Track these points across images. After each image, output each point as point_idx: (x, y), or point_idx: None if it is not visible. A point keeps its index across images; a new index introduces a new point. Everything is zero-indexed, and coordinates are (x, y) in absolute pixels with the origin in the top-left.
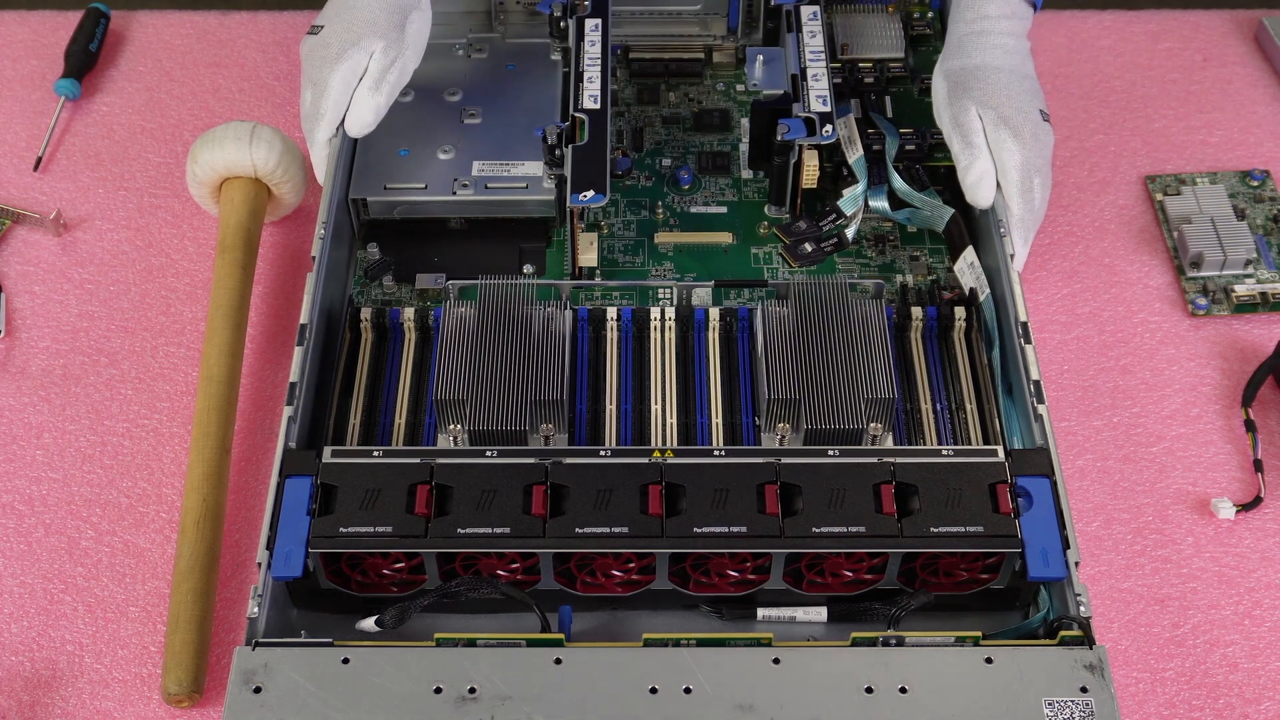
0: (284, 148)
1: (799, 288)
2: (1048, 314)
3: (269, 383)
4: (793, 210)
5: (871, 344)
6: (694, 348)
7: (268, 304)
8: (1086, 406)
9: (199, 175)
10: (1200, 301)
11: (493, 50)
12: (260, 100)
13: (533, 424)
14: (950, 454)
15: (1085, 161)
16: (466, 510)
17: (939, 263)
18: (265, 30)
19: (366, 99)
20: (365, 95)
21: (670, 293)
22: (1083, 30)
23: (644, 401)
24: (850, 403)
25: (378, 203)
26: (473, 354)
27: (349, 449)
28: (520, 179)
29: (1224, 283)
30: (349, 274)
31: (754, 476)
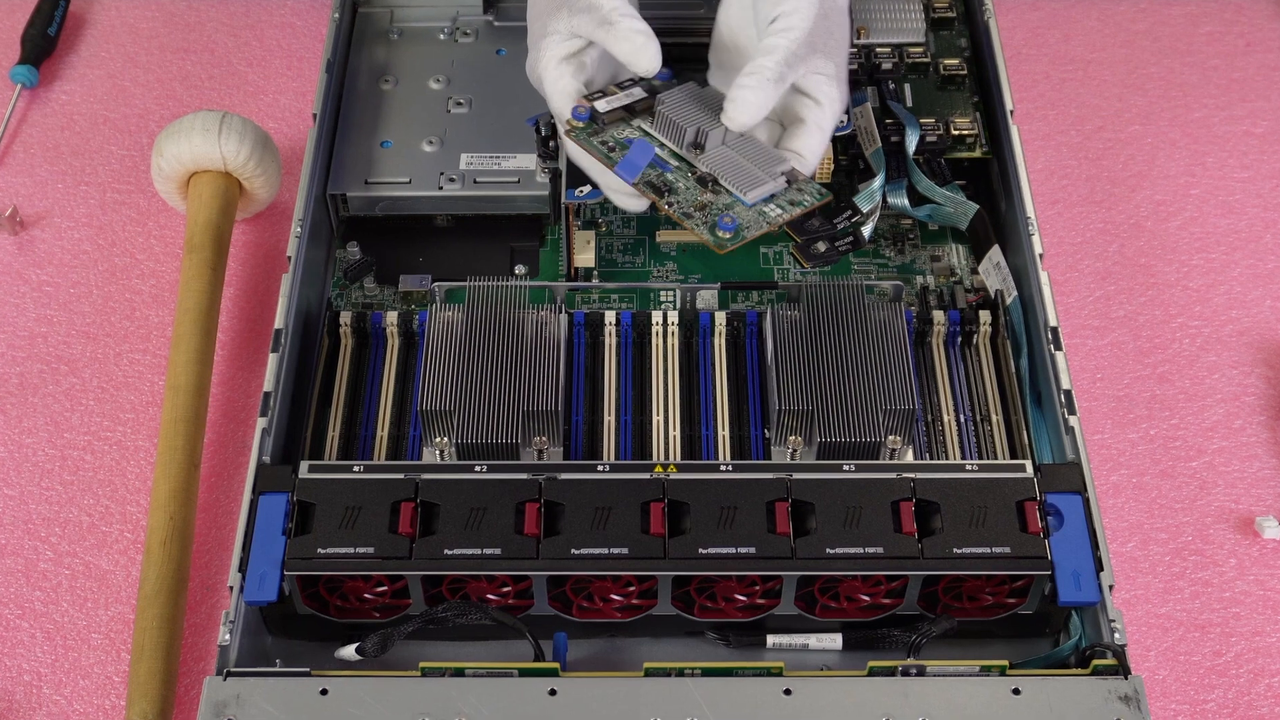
0: (256, 139)
1: (812, 290)
2: (1080, 318)
3: (241, 392)
4: None
5: (890, 351)
6: (699, 355)
7: (239, 307)
8: (1121, 418)
9: (165, 169)
10: None
11: (482, 33)
12: (231, 88)
13: (525, 437)
14: (975, 469)
15: (1120, 154)
16: (454, 530)
17: (962, 263)
18: (237, 13)
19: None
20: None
21: (673, 295)
22: (1117, 14)
23: (645, 413)
24: (867, 414)
25: (358, 198)
26: (460, 362)
27: (327, 463)
28: (511, 173)
29: None
30: (327, 275)
31: (763, 493)
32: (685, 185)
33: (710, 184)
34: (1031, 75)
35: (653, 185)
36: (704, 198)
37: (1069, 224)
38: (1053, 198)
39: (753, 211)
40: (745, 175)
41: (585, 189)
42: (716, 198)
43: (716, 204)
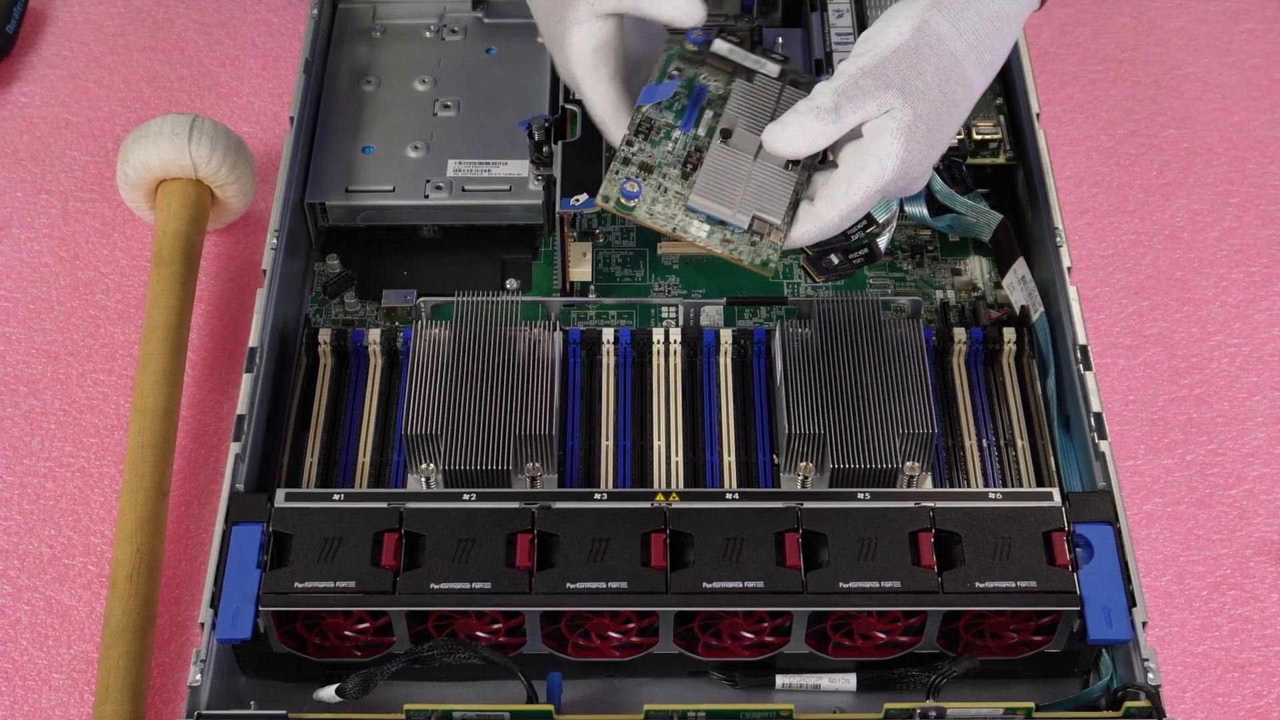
0: (229, 144)
1: (824, 306)
2: (1110, 336)
3: (212, 415)
4: None
5: (908, 371)
6: (703, 375)
7: (211, 324)
8: (1155, 443)
9: (131, 176)
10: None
11: (470, 31)
12: (202, 90)
13: (517, 463)
14: (998, 497)
15: (1154, 160)
16: (441, 562)
17: (985, 277)
18: (209, 9)
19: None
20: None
21: (676, 311)
22: (1151, 10)
23: (645, 437)
24: (883, 439)
25: (338, 208)
26: (448, 382)
27: (305, 491)
28: (502, 180)
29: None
30: (305, 290)
31: (772, 523)
32: (669, 150)
33: (688, 168)
34: (1059, 75)
35: (645, 127)
36: (670, 170)
37: (1099, 235)
38: (1082, 207)
39: (683, 213)
40: (720, 183)
41: (581, 197)
42: (678, 181)
43: (666, 181)
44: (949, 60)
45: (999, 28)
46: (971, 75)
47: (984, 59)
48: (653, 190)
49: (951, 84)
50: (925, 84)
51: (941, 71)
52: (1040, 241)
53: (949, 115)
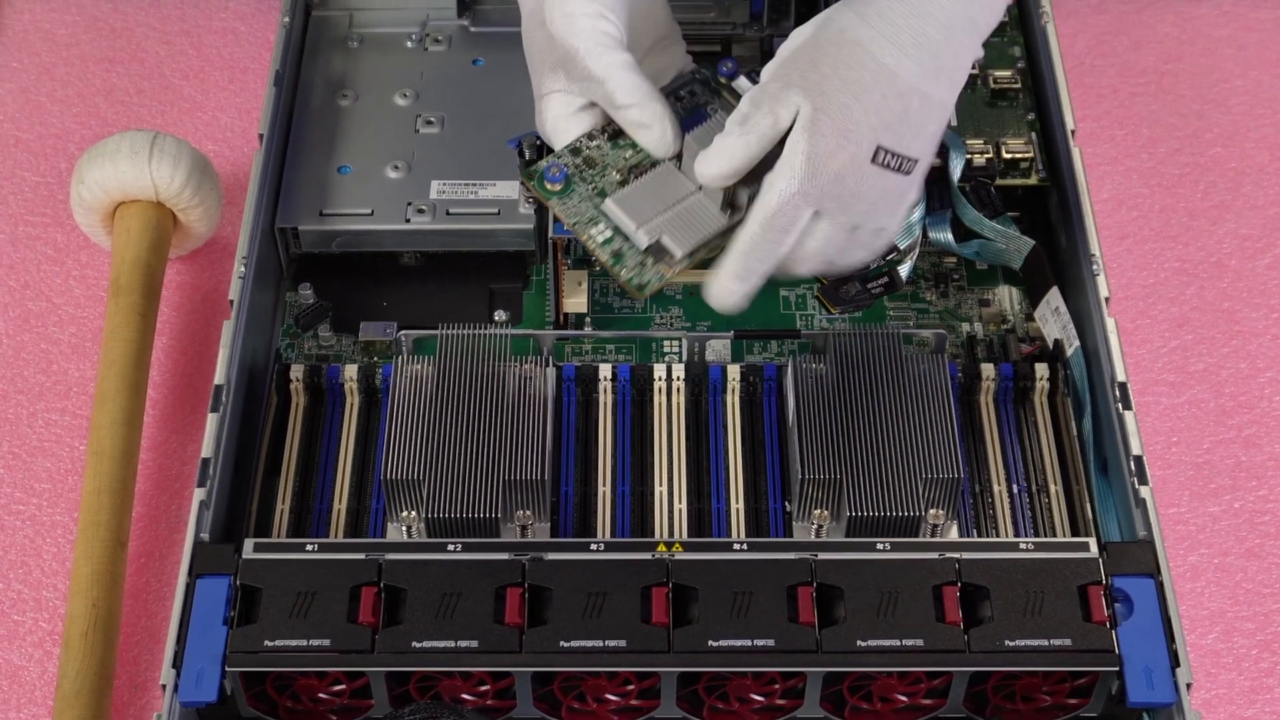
0: (193, 163)
1: (840, 339)
2: (1152, 372)
3: (175, 459)
4: None
5: (931, 410)
6: (708, 415)
7: (173, 360)
8: (1201, 488)
9: (87, 198)
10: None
11: (455, 40)
12: (164, 104)
13: (506, 511)
14: (1030, 548)
15: (1199, 181)
16: (423, 618)
17: (1015, 308)
18: (170, 17)
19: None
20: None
21: (679, 346)
22: (1196, 18)
23: (646, 482)
24: (905, 484)
25: (311, 233)
26: (431, 423)
27: (276, 541)
28: (490, 203)
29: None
30: (275, 322)
31: (784, 576)
32: (625, 156)
33: (631, 177)
34: (1096, 89)
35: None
36: (612, 173)
37: (1140, 262)
38: (1121, 232)
39: (593, 212)
40: (644, 199)
41: None
42: (614, 185)
43: (601, 181)
44: (850, 48)
45: (918, 8)
46: (886, 58)
47: (901, 39)
48: (582, 184)
49: (855, 70)
50: (822, 75)
51: (842, 60)
52: (1075, 269)
53: (861, 101)
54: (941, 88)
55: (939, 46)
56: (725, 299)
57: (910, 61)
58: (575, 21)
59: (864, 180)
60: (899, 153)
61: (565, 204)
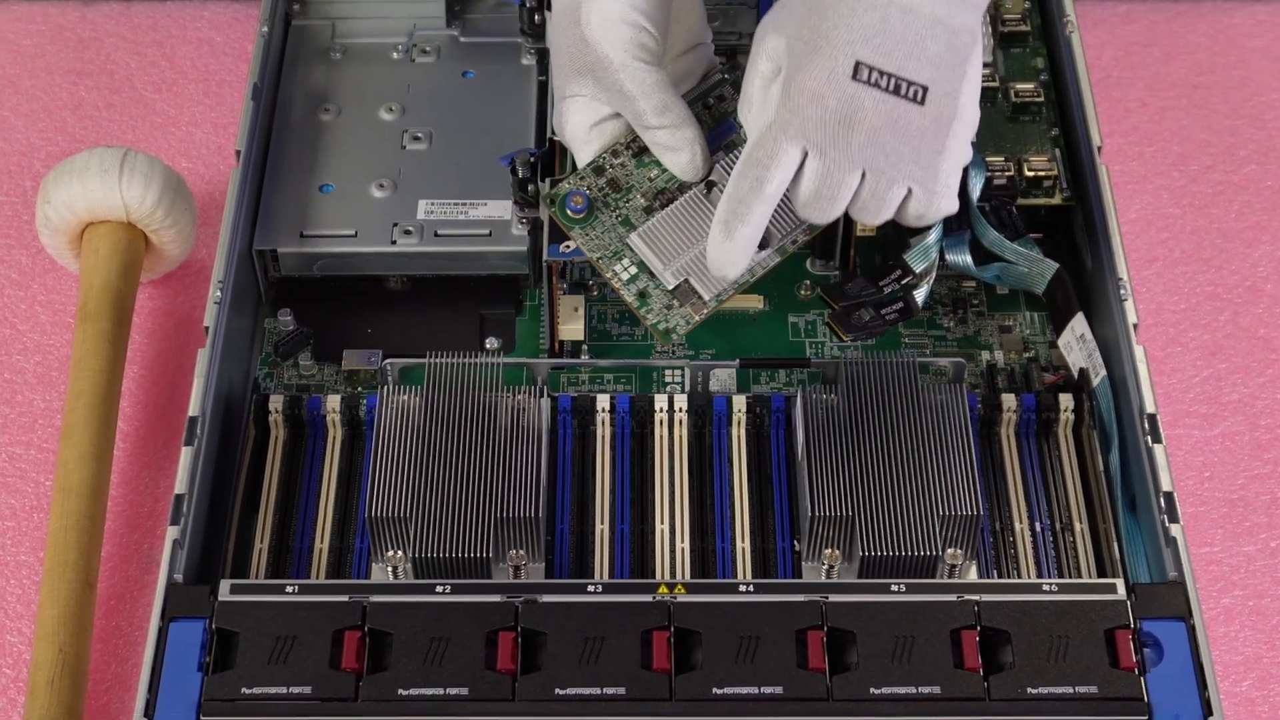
0: (165, 182)
1: (852, 369)
2: (1183, 403)
3: (146, 495)
4: (844, 266)
5: (949, 443)
6: (712, 448)
7: (145, 390)
8: (1235, 526)
9: (53, 219)
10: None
11: (444, 51)
12: (135, 119)
13: (498, 550)
14: (1054, 589)
15: (1234, 200)
16: (410, 664)
17: (1038, 335)
18: (141, 26)
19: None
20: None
21: (681, 375)
22: (1230, 28)
23: (646, 520)
24: (921, 522)
25: (292, 255)
26: (418, 457)
27: (254, 583)
28: (481, 224)
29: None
30: (253, 350)
31: (793, 619)
32: (650, 176)
33: (656, 204)
34: (1124, 103)
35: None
36: (637, 198)
37: (1170, 286)
38: (1150, 254)
39: (617, 246)
40: (672, 234)
41: (572, 243)
42: (638, 212)
43: (626, 208)
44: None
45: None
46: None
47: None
48: (606, 211)
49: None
50: (790, 9)
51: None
52: (1102, 294)
53: (827, 18)
54: (928, 1)
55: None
56: (713, 253)
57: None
58: (613, 30)
59: (851, 100)
60: (888, 71)
61: (588, 234)
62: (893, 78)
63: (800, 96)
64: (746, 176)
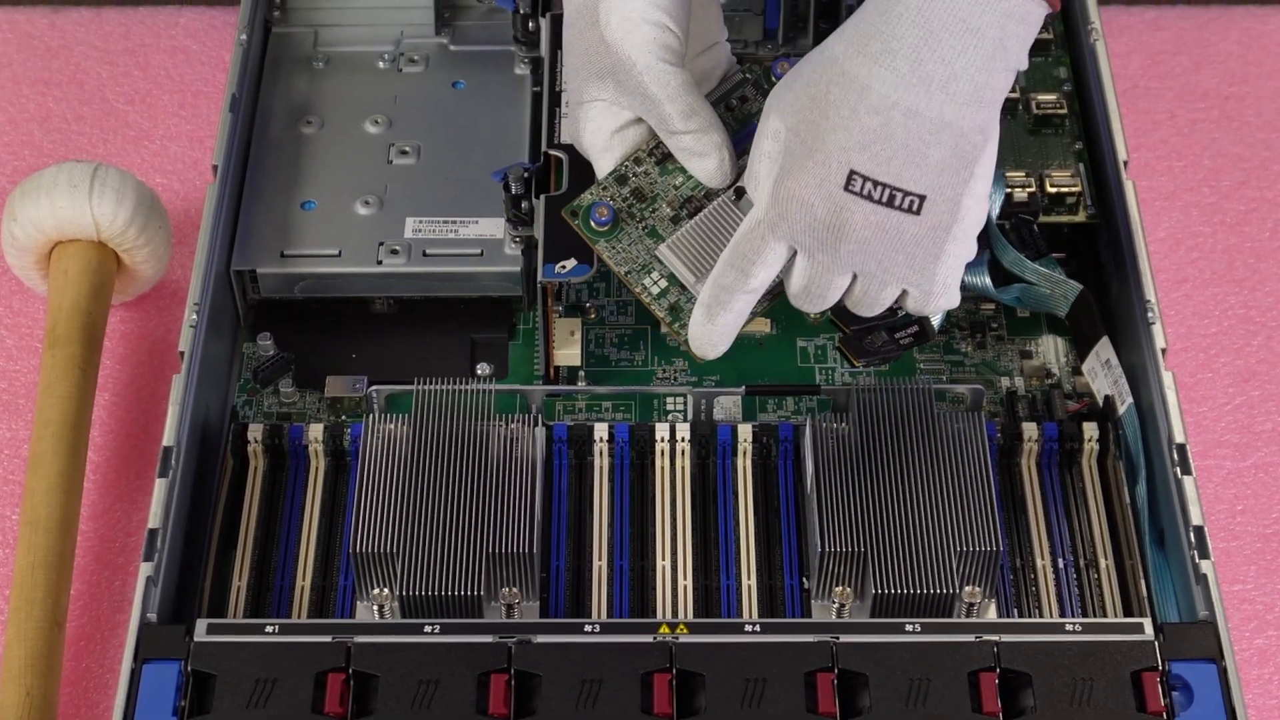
0: (138, 199)
1: (864, 396)
2: (1215, 433)
3: (118, 530)
4: None
5: (967, 475)
6: (717, 480)
7: (117, 418)
8: (1269, 563)
9: (19, 238)
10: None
11: (433, 60)
12: (106, 132)
13: (490, 588)
14: (1077, 629)
15: (1267, 218)
16: (397, 709)
17: (1061, 361)
18: (113, 34)
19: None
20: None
21: (684, 403)
22: (1263, 35)
23: (647, 556)
24: (937, 558)
25: (272, 276)
26: (406, 489)
27: (232, 622)
28: (472, 243)
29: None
30: (231, 376)
31: (801, 661)
32: (675, 184)
33: (684, 212)
34: (1152, 115)
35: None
36: (663, 207)
37: (1200, 309)
38: (1180, 275)
39: (646, 258)
40: (702, 244)
41: (569, 263)
42: (665, 222)
43: (653, 218)
44: (825, 63)
45: (888, 9)
46: (855, 67)
47: (871, 46)
48: (631, 223)
49: (824, 85)
50: (794, 93)
51: (814, 77)
52: (1128, 317)
53: (829, 117)
54: (936, 104)
55: (918, 52)
56: (694, 331)
57: (883, 70)
58: (636, 30)
59: (841, 212)
60: (884, 181)
61: (614, 247)
62: (887, 188)
63: (789, 202)
64: (733, 267)
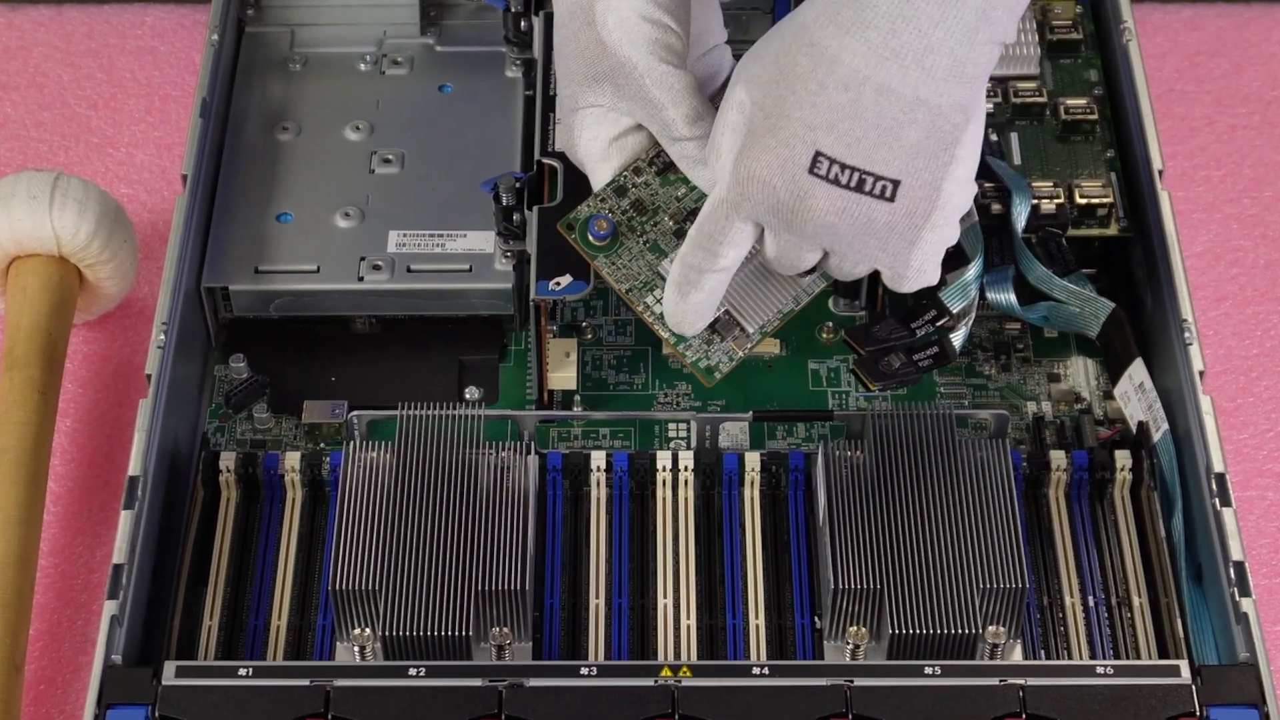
0: (102, 210)
1: (880, 422)
2: (1256, 460)
3: (81, 565)
4: (871, 306)
5: (990, 506)
6: (722, 512)
7: (79, 446)
8: None
9: None
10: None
11: (419, 62)
12: (67, 139)
13: (479, 628)
14: (1109, 672)
15: None
16: None
17: (1091, 384)
18: (75, 34)
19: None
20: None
21: (687, 430)
22: None
23: (647, 594)
24: (958, 595)
25: (245, 293)
26: (389, 522)
27: (202, 665)
28: (460, 258)
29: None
30: (202, 401)
31: (813, 706)
32: (678, 195)
33: (687, 225)
34: (1189, 120)
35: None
36: (665, 220)
37: (1241, 329)
38: (1219, 292)
39: (648, 275)
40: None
41: (564, 280)
42: (667, 236)
43: (654, 232)
44: (794, 32)
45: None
46: (825, 38)
47: (843, 16)
48: (632, 237)
49: (792, 55)
50: (762, 64)
51: (783, 47)
52: (1164, 337)
53: (795, 91)
54: (911, 79)
55: (893, 22)
56: (668, 310)
57: (855, 41)
58: (634, 30)
59: (805, 197)
60: (852, 164)
61: (614, 263)
62: (856, 172)
63: (750, 182)
64: (700, 247)
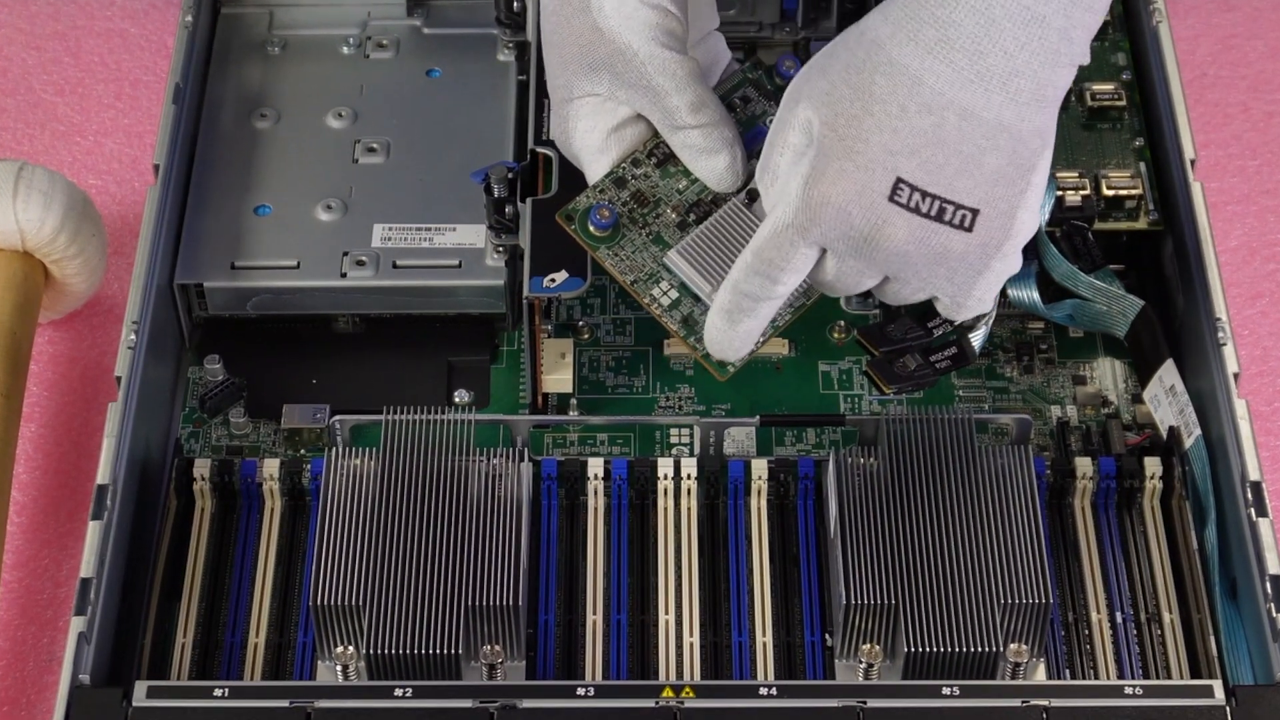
0: (69, 203)
1: (895, 427)
2: None
3: (45, 579)
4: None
5: (1012, 517)
6: (727, 523)
7: (45, 452)
8: None
9: None
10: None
11: (405, 45)
12: (32, 126)
13: (470, 645)
14: (1138, 692)
15: None
16: None
17: (1119, 387)
18: (40, 16)
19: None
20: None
21: (690, 435)
22: None
23: (648, 609)
24: (978, 611)
25: (221, 290)
26: (373, 533)
27: (175, 685)
28: (449, 253)
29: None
30: (175, 405)
31: None
32: (679, 188)
33: (691, 217)
34: (1223, 107)
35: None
36: (667, 211)
37: (1277, 329)
38: (1254, 289)
39: (652, 266)
40: (714, 250)
41: (559, 276)
42: (670, 228)
43: (656, 224)
44: (867, 49)
45: None
46: (906, 58)
47: (925, 35)
48: (634, 228)
49: (867, 73)
50: (831, 82)
51: (854, 64)
52: (1196, 338)
53: (873, 114)
54: (995, 104)
55: (978, 44)
56: (713, 337)
57: (938, 63)
58: (633, 14)
59: (883, 225)
60: (933, 193)
61: (617, 255)
62: (937, 200)
63: (824, 208)
64: (757, 273)
